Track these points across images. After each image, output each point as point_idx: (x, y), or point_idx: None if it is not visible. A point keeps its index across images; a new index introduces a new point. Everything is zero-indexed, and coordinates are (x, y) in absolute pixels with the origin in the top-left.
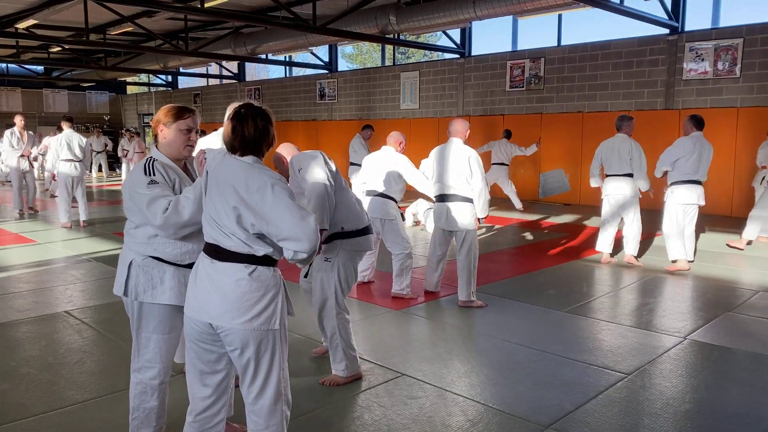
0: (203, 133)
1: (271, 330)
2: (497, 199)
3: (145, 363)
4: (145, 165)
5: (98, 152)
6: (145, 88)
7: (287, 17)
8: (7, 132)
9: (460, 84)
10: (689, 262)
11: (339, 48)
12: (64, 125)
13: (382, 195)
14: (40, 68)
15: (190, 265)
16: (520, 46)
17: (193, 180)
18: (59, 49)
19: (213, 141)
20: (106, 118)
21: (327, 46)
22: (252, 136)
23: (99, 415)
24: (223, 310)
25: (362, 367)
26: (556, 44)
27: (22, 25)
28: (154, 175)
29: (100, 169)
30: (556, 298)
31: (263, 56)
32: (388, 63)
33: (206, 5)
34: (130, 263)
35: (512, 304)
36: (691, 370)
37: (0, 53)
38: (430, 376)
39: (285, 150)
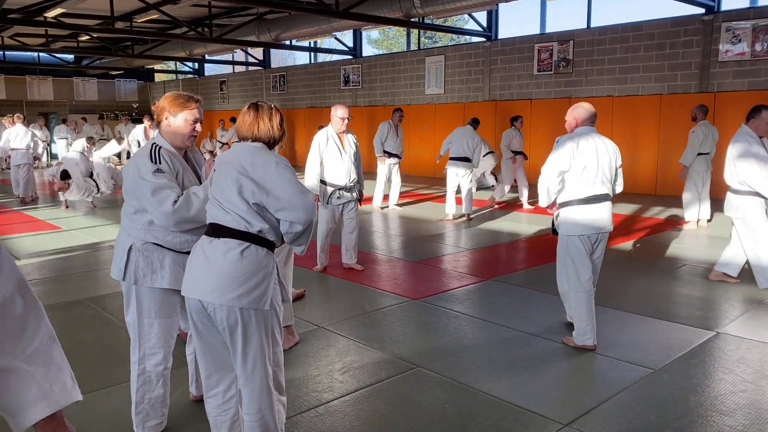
0: (233, 120)
1: (261, 310)
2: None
3: (149, 350)
4: (151, 151)
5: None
6: (172, 76)
7: (311, 2)
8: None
9: (486, 68)
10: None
11: (364, 33)
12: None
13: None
14: (70, 57)
15: (188, 252)
16: (548, 29)
17: (194, 170)
18: (88, 37)
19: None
20: (135, 106)
21: (352, 32)
22: (261, 128)
23: (111, 405)
24: (213, 286)
25: (375, 357)
26: (585, 26)
27: (50, 14)
28: (160, 163)
29: (128, 156)
30: None
31: (287, 42)
32: (413, 48)
33: None
34: (130, 247)
35: (534, 295)
36: (724, 365)
37: (31, 42)
38: (445, 369)
39: None
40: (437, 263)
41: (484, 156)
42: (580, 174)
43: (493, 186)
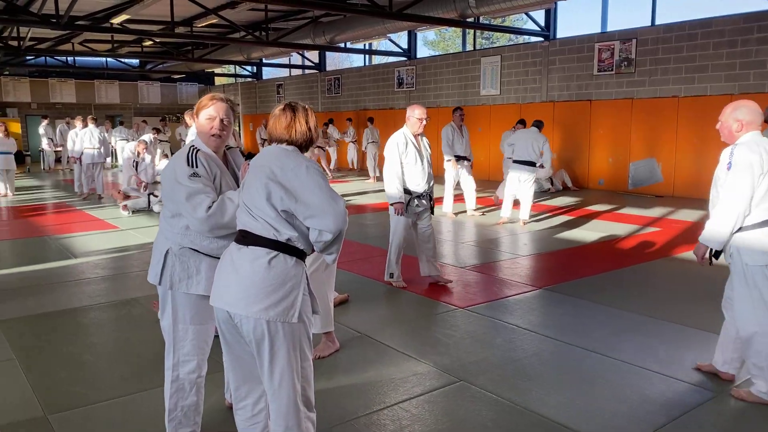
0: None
1: (289, 323)
2: (582, 192)
3: (183, 357)
4: (188, 155)
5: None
6: (231, 80)
7: (364, 4)
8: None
9: (544, 68)
10: None
11: (420, 35)
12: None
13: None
14: (135, 62)
15: None
16: (610, 27)
17: (233, 172)
18: (151, 42)
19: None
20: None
21: (406, 34)
22: (298, 130)
23: (150, 408)
24: (239, 296)
25: (417, 369)
26: (649, 24)
27: (116, 20)
28: (196, 166)
29: None
30: (639, 299)
31: (342, 45)
32: (469, 48)
33: None
34: (167, 252)
35: (587, 306)
36: None
37: (99, 48)
38: (491, 384)
39: None
40: (487, 270)
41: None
42: (766, 192)
43: (549, 189)
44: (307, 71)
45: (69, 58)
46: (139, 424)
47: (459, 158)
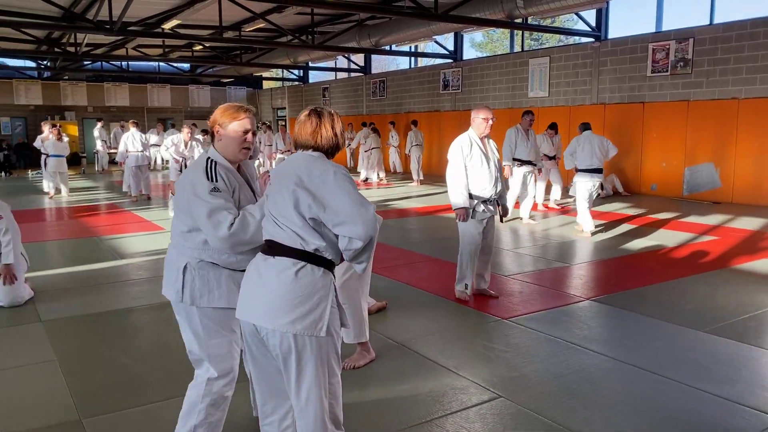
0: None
1: (316, 337)
2: (633, 197)
3: (221, 371)
4: (207, 168)
5: None
6: (279, 83)
7: (410, 6)
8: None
9: (594, 70)
10: None
11: (466, 36)
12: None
13: None
14: (186, 66)
15: (244, 270)
16: (665, 27)
17: (249, 183)
18: (201, 47)
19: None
20: None
21: (452, 36)
22: (324, 136)
23: (172, 416)
24: (265, 309)
25: (455, 383)
26: (707, 23)
27: (167, 26)
28: (216, 180)
29: None
30: (694, 314)
31: (387, 48)
32: (517, 50)
33: None
34: (185, 267)
35: (637, 319)
36: None
37: (151, 53)
38: (531, 401)
39: None
40: (531, 279)
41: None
42: None
43: (599, 195)
44: (352, 74)
45: (123, 63)
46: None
47: (524, 162)
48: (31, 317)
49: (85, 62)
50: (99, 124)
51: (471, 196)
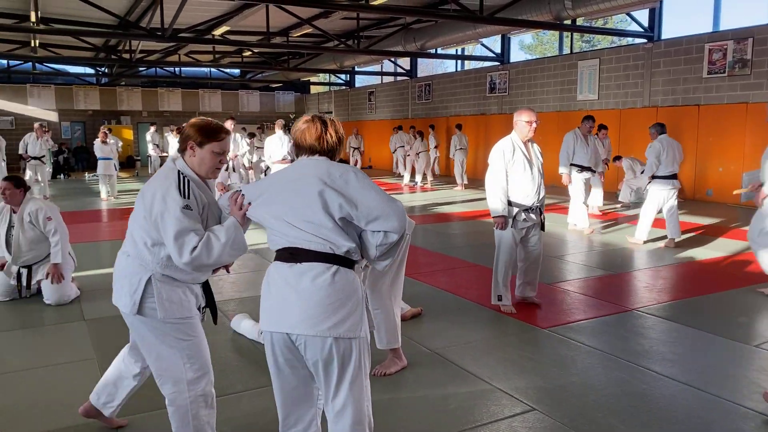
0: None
1: (357, 338)
2: (687, 203)
3: (197, 372)
4: (179, 183)
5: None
6: (326, 88)
7: (455, 9)
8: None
9: (646, 71)
10: None
11: (515, 39)
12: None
13: None
14: (236, 71)
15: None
16: (723, 26)
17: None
18: (250, 53)
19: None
20: (292, 117)
21: (500, 38)
22: (329, 141)
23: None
24: (305, 316)
25: (488, 393)
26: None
27: (217, 32)
28: (189, 198)
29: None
30: (746, 327)
31: (433, 51)
32: (566, 52)
33: (376, 2)
34: (149, 280)
35: (685, 331)
36: None
37: (203, 59)
38: (567, 415)
39: None
40: (573, 287)
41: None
42: None
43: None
44: (398, 78)
45: (176, 69)
46: None
47: (584, 169)
48: (75, 316)
49: (140, 68)
50: (152, 129)
51: (511, 204)
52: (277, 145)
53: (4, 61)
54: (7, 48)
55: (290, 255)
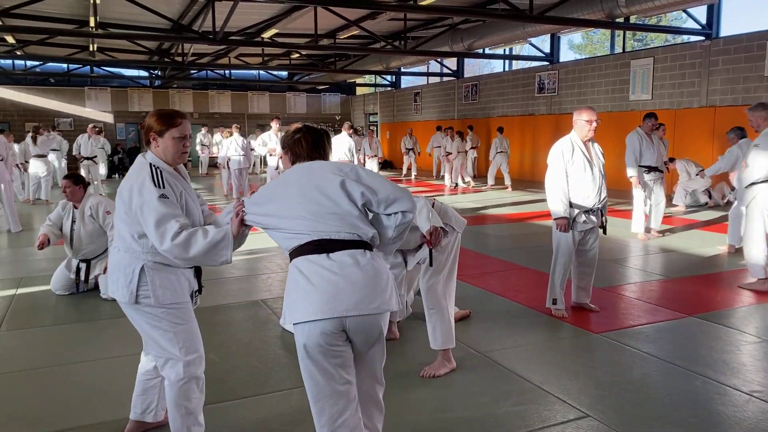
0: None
1: (391, 311)
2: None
3: (191, 354)
4: (152, 174)
5: None
6: (371, 89)
7: (504, 8)
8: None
9: (704, 70)
10: None
11: (564, 38)
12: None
13: None
14: (284, 74)
15: (192, 267)
16: None
17: (188, 186)
18: (298, 55)
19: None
20: (337, 118)
21: (549, 38)
22: (328, 149)
23: (259, 414)
24: (358, 297)
25: (539, 398)
26: None
27: (266, 35)
28: (164, 187)
29: None
30: None
31: (480, 51)
32: (618, 51)
33: (424, 2)
34: (141, 269)
35: (748, 340)
36: None
37: (252, 61)
38: (622, 423)
39: None
40: (629, 292)
41: (698, 174)
42: None
43: (706, 203)
44: (444, 79)
45: (226, 72)
46: (250, 430)
47: (651, 169)
48: None
49: (192, 71)
50: (203, 130)
51: (571, 205)
52: (341, 145)
53: (65, 65)
54: (67, 52)
55: (322, 247)
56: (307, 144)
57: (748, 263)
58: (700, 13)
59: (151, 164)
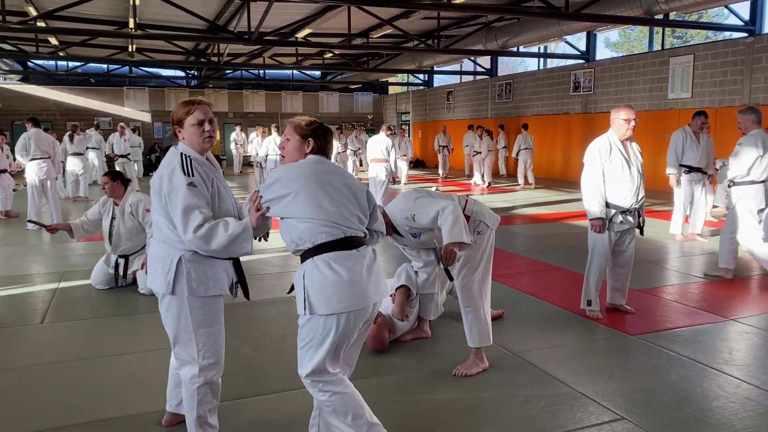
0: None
1: None
2: None
3: (209, 360)
4: (182, 163)
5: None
6: (404, 88)
7: (539, 6)
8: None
9: (747, 68)
10: None
11: (600, 36)
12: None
13: None
14: (317, 73)
15: (229, 258)
16: None
17: (221, 176)
18: (331, 54)
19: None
20: (369, 118)
21: (585, 36)
22: (331, 147)
23: (296, 407)
24: (379, 286)
25: (573, 400)
26: None
27: (300, 35)
28: (193, 175)
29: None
30: None
31: (515, 49)
32: (656, 48)
33: (457, 1)
34: (179, 260)
35: None
36: None
37: (285, 61)
38: (658, 427)
39: None
40: (668, 294)
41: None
42: None
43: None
44: (478, 77)
45: (260, 72)
46: (282, 424)
47: (693, 170)
48: None
49: (227, 71)
50: (237, 128)
51: (608, 205)
52: (378, 144)
53: (104, 66)
54: (107, 53)
55: (351, 243)
56: (327, 142)
57: (721, 251)
58: (743, 8)
59: (181, 153)
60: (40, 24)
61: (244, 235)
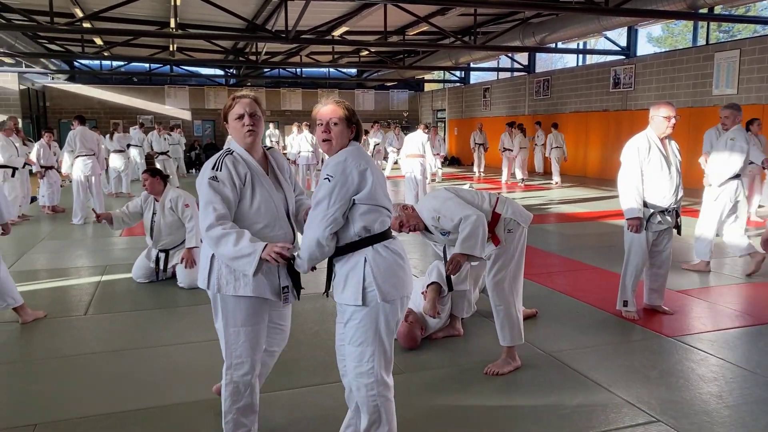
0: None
1: None
2: None
3: (236, 359)
4: (219, 156)
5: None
6: (440, 85)
7: (579, 1)
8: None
9: None
10: None
11: (641, 31)
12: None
13: None
14: (353, 71)
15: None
16: None
17: (275, 173)
18: (367, 52)
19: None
20: (405, 115)
21: (625, 31)
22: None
23: (323, 402)
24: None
25: (608, 400)
26: None
27: (336, 33)
28: (219, 170)
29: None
30: None
31: (553, 45)
32: (701, 43)
33: None
34: (212, 256)
35: None
36: None
37: (322, 59)
38: (694, 431)
39: None
40: (708, 296)
41: None
42: None
43: None
44: (515, 74)
45: (297, 70)
46: (315, 417)
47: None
48: (206, 298)
49: (265, 69)
50: (271, 126)
51: (646, 205)
52: (415, 140)
53: (146, 65)
54: (149, 53)
55: (391, 233)
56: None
57: (697, 245)
58: None
59: (228, 149)
60: (86, 25)
61: (248, 259)
